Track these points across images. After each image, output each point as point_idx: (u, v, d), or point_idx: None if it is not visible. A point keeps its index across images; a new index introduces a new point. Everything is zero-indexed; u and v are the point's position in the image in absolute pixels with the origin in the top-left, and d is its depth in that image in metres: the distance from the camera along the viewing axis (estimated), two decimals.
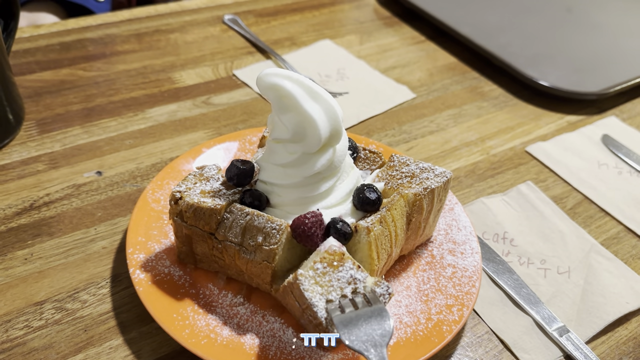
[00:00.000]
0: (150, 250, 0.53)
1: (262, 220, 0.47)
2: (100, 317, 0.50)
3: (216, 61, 0.86)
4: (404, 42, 0.97)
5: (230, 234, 0.48)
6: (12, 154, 0.66)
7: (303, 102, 0.46)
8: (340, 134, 0.48)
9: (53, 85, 0.77)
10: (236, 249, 0.48)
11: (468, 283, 0.54)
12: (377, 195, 0.50)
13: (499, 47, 0.91)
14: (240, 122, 0.75)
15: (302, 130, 0.47)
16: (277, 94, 0.46)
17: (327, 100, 0.47)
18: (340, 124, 0.48)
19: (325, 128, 0.46)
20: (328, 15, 1.03)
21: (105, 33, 0.89)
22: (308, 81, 0.47)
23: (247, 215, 0.48)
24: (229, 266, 0.51)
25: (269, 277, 0.48)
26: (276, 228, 0.47)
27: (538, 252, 0.61)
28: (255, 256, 0.48)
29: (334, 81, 0.85)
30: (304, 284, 0.44)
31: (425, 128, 0.78)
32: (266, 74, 0.46)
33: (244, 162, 0.50)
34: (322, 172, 0.49)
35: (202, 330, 0.47)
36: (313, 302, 0.43)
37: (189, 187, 0.50)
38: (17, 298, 0.51)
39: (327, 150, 0.49)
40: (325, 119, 0.46)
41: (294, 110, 0.46)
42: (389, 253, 0.51)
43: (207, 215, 0.48)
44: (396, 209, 0.50)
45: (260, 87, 0.46)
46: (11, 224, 0.57)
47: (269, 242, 0.47)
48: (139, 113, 0.74)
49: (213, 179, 0.52)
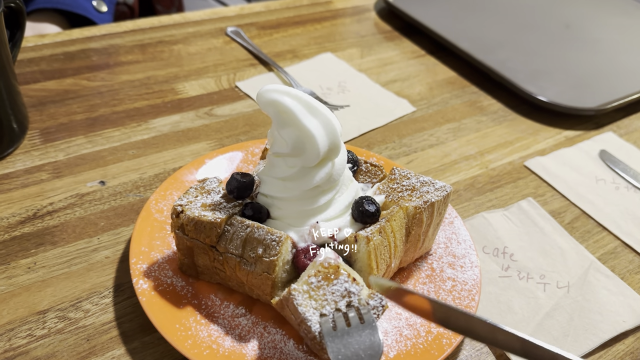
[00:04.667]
0: (153, 261, 0.53)
1: (262, 232, 0.48)
2: (103, 326, 0.50)
3: (219, 73, 0.87)
4: (404, 56, 0.98)
5: (231, 246, 0.49)
6: (16, 162, 0.66)
7: (302, 118, 0.47)
8: (338, 148, 0.49)
9: (57, 94, 0.78)
10: (237, 260, 0.49)
11: (468, 296, 0.54)
12: (376, 207, 0.51)
13: (498, 62, 0.93)
14: (242, 134, 0.76)
15: (301, 144, 0.48)
16: (277, 110, 0.47)
17: (326, 115, 0.48)
18: (339, 139, 0.49)
19: (323, 142, 0.47)
20: (329, 28, 1.04)
21: (109, 43, 0.90)
22: (307, 97, 0.48)
23: (248, 227, 0.49)
24: (230, 278, 0.51)
25: (269, 288, 0.49)
26: (276, 240, 0.48)
27: (538, 267, 0.62)
28: (256, 267, 0.48)
29: (335, 94, 0.86)
30: (297, 299, 0.44)
31: (425, 141, 0.79)
32: (266, 90, 0.47)
33: (244, 174, 0.51)
34: (321, 185, 0.50)
35: (204, 341, 0.48)
36: (307, 316, 0.44)
37: (190, 200, 0.51)
38: (20, 307, 0.51)
39: (326, 164, 0.50)
40: (323, 134, 0.47)
41: (293, 125, 0.47)
42: (387, 264, 0.51)
43: (208, 228, 0.49)
44: (395, 221, 0.51)
45: (260, 102, 0.47)
46: (15, 233, 0.58)
47: (269, 254, 0.48)
48: (142, 123, 0.75)
49: (214, 191, 0.53)
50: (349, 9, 1.12)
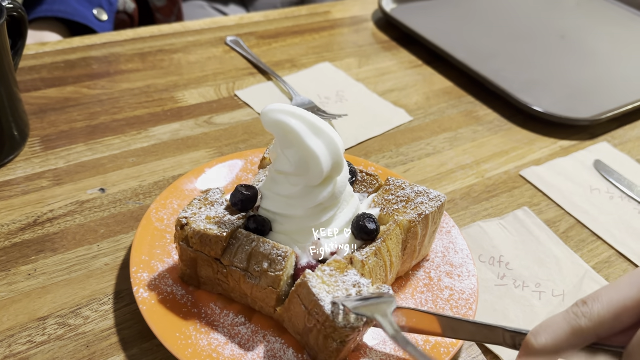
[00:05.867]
0: (153, 269, 0.54)
1: (267, 247, 0.49)
2: (103, 333, 0.51)
3: (218, 81, 0.88)
4: (401, 66, 0.99)
5: (235, 260, 0.50)
6: (16, 170, 0.67)
7: (306, 139, 0.47)
8: (341, 166, 0.50)
9: (58, 102, 0.78)
10: (241, 274, 0.50)
11: (465, 305, 0.55)
12: (376, 226, 0.52)
13: (494, 73, 0.94)
14: (241, 142, 0.76)
15: (305, 164, 0.48)
16: (282, 130, 0.47)
17: (329, 135, 0.48)
18: (342, 157, 0.49)
19: (327, 162, 0.48)
20: (328, 38, 1.05)
21: (110, 52, 0.91)
22: (311, 116, 0.48)
23: (253, 241, 0.49)
24: (233, 289, 0.52)
25: (273, 302, 0.50)
26: (282, 255, 0.49)
27: (533, 275, 0.63)
28: (261, 281, 0.49)
29: (333, 103, 0.87)
30: (311, 282, 0.46)
31: (422, 151, 0.80)
32: (271, 111, 0.47)
33: (248, 187, 0.52)
34: (324, 203, 0.51)
35: (204, 349, 0.48)
36: (320, 297, 0.45)
37: (195, 212, 0.52)
38: (21, 313, 0.51)
39: (329, 183, 0.50)
40: (327, 154, 0.48)
41: (297, 146, 0.48)
42: (384, 281, 0.53)
43: (214, 242, 0.49)
44: (391, 239, 0.52)
45: (264, 122, 0.48)
46: (15, 240, 0.58)
47: (274, 269, 0.48)
48: (142, 131, 0.75)
49: (217, 203, 0.53)
50: (347, 19, 1.13)
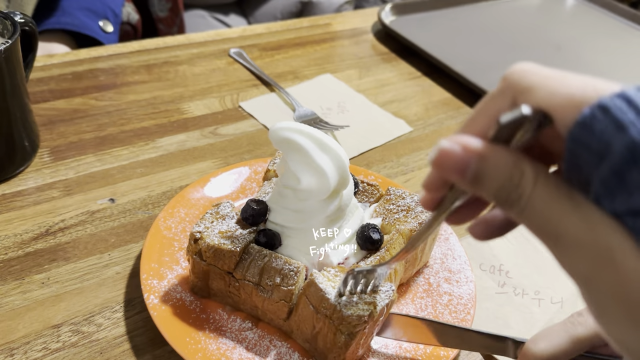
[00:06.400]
0: (162, 277, 0.56)
1: (280, 262, 0.51)
2: (115, 340, 0.52)
3: (223, 93, 0.90)
4: (401, 77, 1.01)
5: (248, 274, 0.51)
6: (27, 180, 0.68)
7: (314, 155, 0.49)
8: (347, 181, 0.52)
9: (66, 113, 0.80)
10: (253, 287, 0.52)
11: (463, 310, 0.57)
12: (380, 235, 0.54)
13: (492, 84, 0.95)
14: (246, 152, 0.78)
15: (313, 180, 0.50)
16: (290, 148, 0.49)
17: (335, 150, 0.50)
18: (348, 172, 0.51)
19: (334, 178, 0.50)
20: (329, 50, 1.07)
21: (116, 63, 0.93)
22: (318, 133, 0.50)
23: (265, 257, 0.51)
24: (244, 302, 0.54)
25: (285, 314, 0.52)
26: (294, 270, 0.51)
27: (533, 283, 0.65)
28: (273, 295, 0.51)
29: (335, 114, 0.89)
30: (318, 279, 0.48)
31: (422, 161, 0.82)
32: (279, 129, 0.49)
33: (258, 202, 0.54)
34: (331, 215, 0.52)
35: (213, 353, 0.50)
36: (327, 290, 0.47)
37: (207, 226, 0.53)
38: (35, 321, 0.53)
39: (336, 197, 0.52)
40: (334, 169, 0.50)
41: (305, 162, 0.50)
42: None
43: (227, 256, 0.51)
44: (395, 248, 0.54)
45: (273, 140, 0.50)
46: (28, 249, 0.60)
47: (286, 283, 0.50)
48: (149, 142, 0.77)
49: (228, 217, 0.55)
50: (347, 31, 1.15)
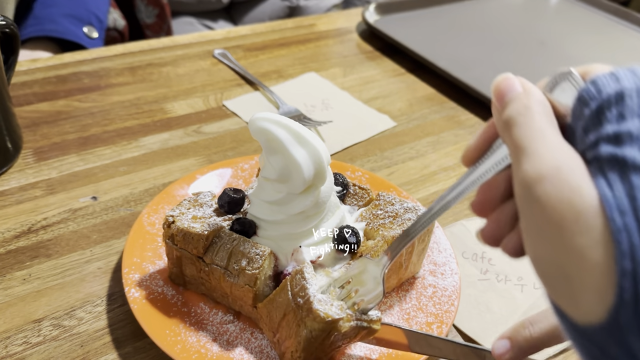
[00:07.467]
0: (144, 271, 0.56)
1: (247, 245, 0.51)
2: (96, 333, 0.52)
3: (207, 92, 0.90)
4: (385, 75, 1.02)
5: (217, 258, 0.51)
6: (10, 180, 0.68)
7: (289, 147, 0.49)
8: (324, 176, 0.51)
9: (50, 115, 0.80)
10: (222, 272, 0.51)
11: (447, 302, 0.57)
12: (356, 239, 0.53)
13: (475, 79, 0.97)
14: (229, 150, 0.78)
15: (288, 172, 0.50)
16: (266, 138, 0.49)
17: (313, 144, 0.50)
18: (325, 168, 0.51)
19: (309, 171, 0.50)
20: (313, 49, 1.08)
21: (100, 66, 0.93)
22: (297, 126, 0.50)
23: (234, 240, 0.51)
24: (215, 288, 0.53)
25: (250, 300, 0.51)
26: (259, 254, 0.50)
27: (515, 270, 0.65)
28: (239, 279, 0.51)
29: (319, 111, 0.89)
30: (307, 269, 0.48)
31: (406, 154, 0.82)
32: (257, 119, 0.49)
33: (236, 190, 0.54)
34: (307, 211, 0.52)
35: (193, 345, 0.50)
36: (310, 281, 0.47)
37: (182, 212, 0.53)
38: (16, 316, 0.53)
39: (312, 192, 0.52)
40: (310, 163, 0.49)
41: (280, 153, 0.49)
42: None
43: (195, 239, 0.51)
44: (378, 255, 0.53)
45: (251, 130, 0.50)
46: (10, 247, 0.60)
47: (252, 267, 0.50)
48: (132, 141, 0.77)
49: (206, 205, 0.55)
50: (332, 31, 1.16)
